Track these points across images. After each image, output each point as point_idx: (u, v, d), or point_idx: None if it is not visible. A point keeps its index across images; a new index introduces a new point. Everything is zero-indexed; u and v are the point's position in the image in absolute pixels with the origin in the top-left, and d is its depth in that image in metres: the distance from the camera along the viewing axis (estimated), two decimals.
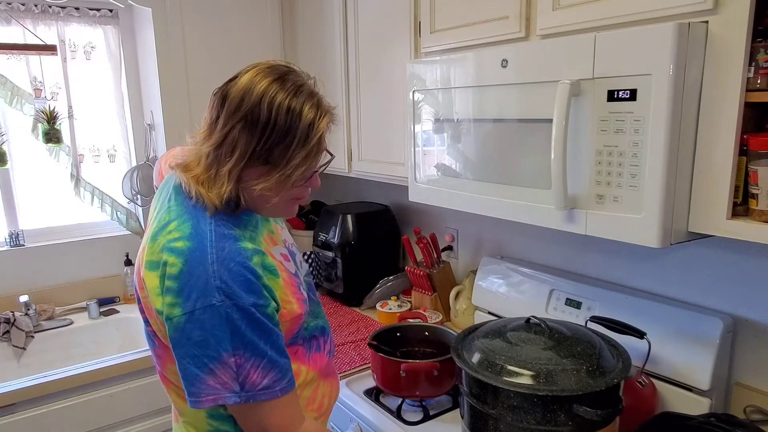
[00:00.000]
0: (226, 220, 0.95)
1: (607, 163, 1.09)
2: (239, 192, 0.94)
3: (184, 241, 0.90)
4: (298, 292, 1.02)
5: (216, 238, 0.91)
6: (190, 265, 0.88)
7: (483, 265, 1.87)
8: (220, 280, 0.87)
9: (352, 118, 1.97)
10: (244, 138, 0.89)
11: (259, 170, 0.92)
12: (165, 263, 0.89)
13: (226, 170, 0.91)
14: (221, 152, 0.91)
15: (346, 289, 2.17)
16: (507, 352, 1.13)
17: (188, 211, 0.95)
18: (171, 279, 0.88)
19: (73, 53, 2.17)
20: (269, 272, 0.95)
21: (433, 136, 1.51)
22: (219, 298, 0.87)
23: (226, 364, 0.89)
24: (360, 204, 2.38)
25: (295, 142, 0.91)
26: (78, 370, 1.74)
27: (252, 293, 0.90)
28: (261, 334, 0.91)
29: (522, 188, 1.27)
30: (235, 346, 0.89)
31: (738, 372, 1.32)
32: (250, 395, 0.91)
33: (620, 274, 1.55)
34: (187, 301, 0.87)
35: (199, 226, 0.92)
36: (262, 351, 0.91)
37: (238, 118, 0.89)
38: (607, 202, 1.10)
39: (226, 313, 0.87)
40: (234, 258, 0.90)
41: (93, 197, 2.25)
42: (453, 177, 1.46)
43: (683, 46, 0.96)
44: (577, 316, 1.54)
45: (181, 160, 0.98)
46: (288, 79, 0.93)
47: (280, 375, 0.94)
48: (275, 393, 0.92)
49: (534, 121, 1.22)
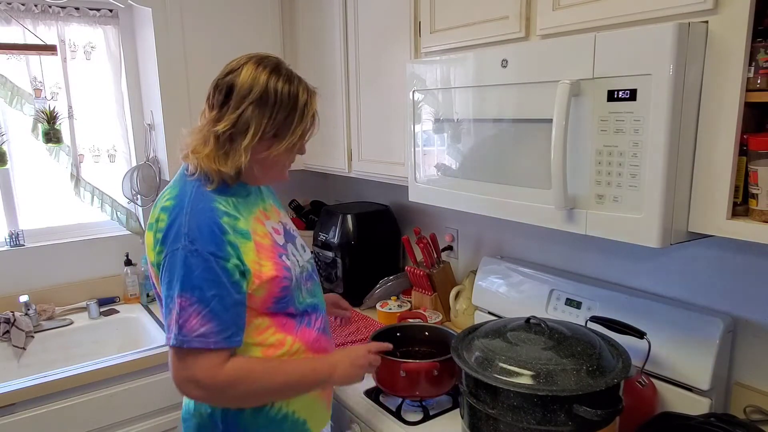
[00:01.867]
0: (216, 191, 1.11)
1: (607, 163, 1.09)
2: (251, 164, 1.11)
3: (171, 200, 1.10)
4: (276, 258, 1.14)
5: (194, 197, 1.09)
6: (171, 218, 1.06)
7: (483, 265, 1.87)
8: (188, 227, 1.04)
9: (352, 119, 1.97)
10: (256, 118, 1.08)
11: (268, 142, 1.11)
12: (157, 220, 1.09)
13: (243, 146, 1.08)
14: (236, 131, 1.08)
15: (346, 289, 2.17)
16: (507, 352, 1.13)
17: (182, 180, 1.14)
18: (160, 232, 1.07)
19: (73, 53, 2.17)
20: (239, 234, 1.09)
21: (433, 136, 1.51)
22: (183, 243, 1.03)
23: (176, 304, 1.03)
24: (360, 204, 2.39)
25: (296, 118, 1.11)
26: (78, 370, 1.74)
27: (213, 243, 1.04)
28: (211, 284, 1.03)
29: (522, 188, 1.27)
30: (183, 288, 1.02)
31: (738, 372, 1.32)
32: (185, 340, 1.02)
33: (620, 274, 1.55)
34: (164, 246, 1.06)
35: (185, 189, 1.11)
36: (206, 299, 1.03)
37: (249, 102, 1.08)
38: (607, 202, 1.10)
39: (185, 255, 1.03)
40: (204, 213, 1.07)
41: (93, 197, 2.25)
42: (453, 177, 1.46)
43: (683, 46, 0.96)
44: (577, 316, 1.54)
45: (187, 149, 1.14)
46: (281, 68, 1.13)
47: (219, 329, 1.04)
48: (208, 343, 1.03)
49: (534, 121, 1.22)
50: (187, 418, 1.21)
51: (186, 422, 1.22)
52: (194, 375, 1.05)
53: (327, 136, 2.12)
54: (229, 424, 1.16)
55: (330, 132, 2.10)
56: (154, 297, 2.31)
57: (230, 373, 1.06)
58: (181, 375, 1.06)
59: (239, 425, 1.16)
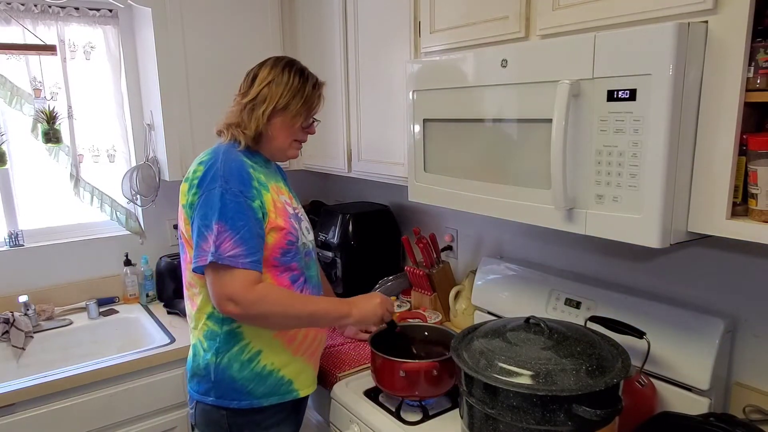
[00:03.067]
0: (244, 152, 1.37)
1: (606, 163, 1.09)
2: (266, 129, 1.38)
3: (207, 155, 1.36)
4: (286, 216, 1.37)
5: (226, 152, 1.35)
6: (208, 167, 1.31)
7: (482, 265, 1.87)
8: (222, 172, 1.29)
9: (352, 118, 1.97)
10: (273, 93, 1.37)
11: (280, 112, 1.38)
12: (194, 171, 1.33)
13: (260, 112, 1.36)
14: (256, 102, 1.37)
15: (346, 289, 2.17)
16: (506, 352, 1.13)
17: (215, 146, 1.39)
18: (197, 179, 1.31)
19: (72, 53, 2.17)
20: (261, 185, 1.35)
21: (433, 136, 1.51)
22: (219, 183, 1.27)
23: (212, 229, 1.25)
24: (360, 204, 2.39)
25: (303, 98, 1.40)
26: (77, 371, 1.74)
27: (242, 184, 1.29)
28: (241, 215, 1.26)
29: (522, 188, 1.27)
30: (220, 217, 1.25)
31: (737, 371, 1.32)
32: (220, 257, 1.23)
33: (620, 274, 1.55)
34: (201, 188, 1.29)
35: (219, 148, 1.37)
36: (238, 227, 1.25)
37: (268, 81, 1.38)
38: (607, 202, 1.10)
39: (221, 193, 1.27)
40: (236, 161, 1.33)
41: (92, 197, 2.25)
42: (453, 177, 1.46)
43: (683, 46, 0.96)
44: (577, 316, 1.54)
45: (220, 124, 1.43)
46: (296, 63, 1.44)
47: (247, 252, 1.26)
48: (237, 263, 1.24)
49: (534, 121, 1.22)
50: (190, 377, 1.43)
51: (190, 382, 1.43)
52: (230, 291, 1.24)
53: (327, 136, 2.12)
54: (219, 377, 1.36)
55: (330, 132, 2.10)
56: (154, 297, 2.32)
57: (261, 292, 1.26)
58: (219, 292, 1.26)
59: (227, 377, 1.36)
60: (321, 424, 1.71)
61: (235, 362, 1.36)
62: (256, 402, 1.37)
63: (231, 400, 1.36)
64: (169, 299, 2.25)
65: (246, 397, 1.36)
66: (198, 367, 1.39)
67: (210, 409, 1.38)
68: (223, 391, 1.36)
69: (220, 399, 1.37)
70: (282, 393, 1.40)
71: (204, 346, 1.39)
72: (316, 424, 1.76)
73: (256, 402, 1.37)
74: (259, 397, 1.38)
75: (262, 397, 1.38)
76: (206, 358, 1.37)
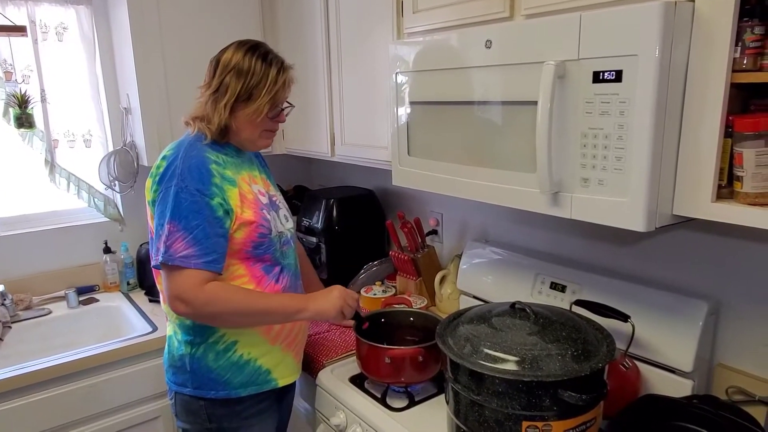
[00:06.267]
0: (211, 145, 1.32)
1: (592, 146, 1.07)
2: (230, 121, 1.31)
3: (170, 150, 1.32)
4: (257, 209, 1.33)
5: (189, 146, 1.30)
6: (168, 163, 1.28)
7: (468, 249, 1.86)
8: (181, 169, 1.25)
9: (335, 102, 1.93)
10: (234, 82, 1.29)
11: (244, 104, 1.31)
12: (157, 167, 1.30)
13: (222, 104, 1.30)
14: (218, 94, 1.31)
15: (330, 274, 2.15)
16: (492, 337, 1.13)
17: (182, 137, 1.35)
18: (158, 176, 1.28)
19: (44, 34, 2.09)
20: (226, 180, 1.30)
21: (417, 119, 1.48)
22: (176, 181, 1.24)
23: (165, 229, 1.23)
24: (344, 188, 2.36)
25: (268, 85, 1.31)
26: (57, 361, 1.70)
27: (200, 182, 1.25)
28: (196, 215, 1.23)
29: (507, 172, 1.25)
30: (173, 216, 1.23)
31: (720, 353, 1.33)
32: (170, 258, 1.22)
33: (605, 257, 1.55)
34: (161, 185, 1.27)
35: (183, 141, 1.33)
36: (191, 227, 1.22)
37: (229, 70, 1.30)
38: (593, 186, 1.09)
39: (176, 191, 1.23)
40: (195, 158, 1.28)
41: (69, 183, 2.19)
42: (437, 161, 1.44)
43: (669, 26, 0.94)
44: (562, 300, 1.54)
45: (187, 115, 1.37)
46: (259, 48, 1.34)
47: (200, 252, 1.22)
48: (189, 263, 1.22)
49: (519, 104, 1.19)
50: (167, 368, 1.41)
51: (167, 373, 1.41)
52: (179, 291, 1.22)
53: (309, 120, 2.08)
54: (195, 367, 1.34)
55: (312, 115, 2.06)
56: (135, 285, 2.28)
57: (211, 291, 1.23)
58: (169, 293, 1.24)
59: (203, 368, 1.34)
60: (309, 412, 1.70)
61: (211, 352, 1.34)
62: (234, 392, 1.35)
63: (208, 390, 1.35)
64: (150, 287, 2.21)
65: (223, 387, 1.35)
66: (174, 359, 1.38)
67: (189, 400, 1.37)
68: (200, 381, 1.35)
69: (197, 389, 1.35)
70: (260, 383, 1.38)
71: (179, 337, 1.37)
72: (305, 412, 1.75)
73: (233, 392, 1.35)
74: (237, 387, 1.36)
75: (240, 387, 1.36)
76: (181, 350, 1.36)
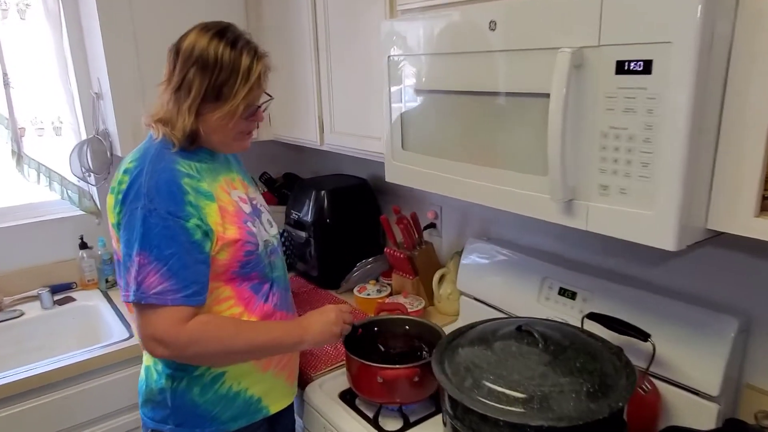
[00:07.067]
0: (180, 153, 1.12)
1: (613, 149, 0.92)
2: (198, 125, 1.11)
3: (133, 162, 1.12)
4: (240, 223, 1.16)
5: (155, 158, 1.10)
6: (132, 179, 1.08)
7: (469, 246, 1.72)
8: (147, 187, 1.06)
9: (323, 86, 1.76)
10: (198, 79, 1.08)
11: (212, 105, 1.11)
12: (119, 182, 1.10)
13: (186, 107, 1.09)
14: (180, 93, 1.10)
15: (321, 271, 2.01)
16: (496, 368, 0.99)
17: (146, 143, 1.16)
18: (121, 193, 1.09)
19: (4, 12, 1.90)
20: (202, 195, 1.11)
21: (413, 110, 1.32)
22: (143, 202, 1.05)
23: (134, 262, 1.04)
24: (336, 178, 2.20)
25: (239, 80, 1.09)
26: (27, 373, 1.57)
27: (172, 203, 1.06)
28: (170, 242, 1.04)
29: (513, 173, 1.10)
30: (143, 246, 1.04)
31: (749, 373, 1.20)
32: (143, 296, 1.04)
33: (621, 262, 1.40)
34: (124, 206, 1.07)
35: (148, 151, 1.13)
36: (165, 257, 1.04)
37: (191, 63, 1.08)
38: (613, 194, 0.94)
39: (144, 215, 1.04)
40: (164, 173, 1.08)
41: (39, 175, 2.03)
42: (435, 157, 1.28)
43: (711, 8, 0.78)
44: (572, 308, 1.40)
45: (148, 115, 1.16)
46: (227, 33, 1.12)
47: (178, 285, 1.05)
48: (165, 299, 1.04)
49: (528, 95, 1.03)
50: (143, 402, 1.24)
51: (143, 407, 1.24)
52: (155, 332, 1.06)
53: (296, 105, 1.91)
54: (178, 403, 1.18)
55: (299, 100, 1.89)
56: (114, 282, 2.15)
57: (193, 330, 1.07)
58: (143, 333, 1.08)
59: (187, 403, 1.18)
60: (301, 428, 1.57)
61: (196, 386, 1.17)
62: (223, 427, 1.20)
63: (193, 428, 1.18)
64: None
65: (210, 423, 1.19)
66: (152, 392, 1.21)
67: None
68: (184, 417, 1.18)
69: (180, 427, 1.18)
70: (251, 413, 1.23)
71: (158, 369, 1.20)
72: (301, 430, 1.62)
73: (222, 427, 1.20)
74: (226, 422, 1.20)
75: (230, 421, 1.20)
76: (161, 383, 1.19)
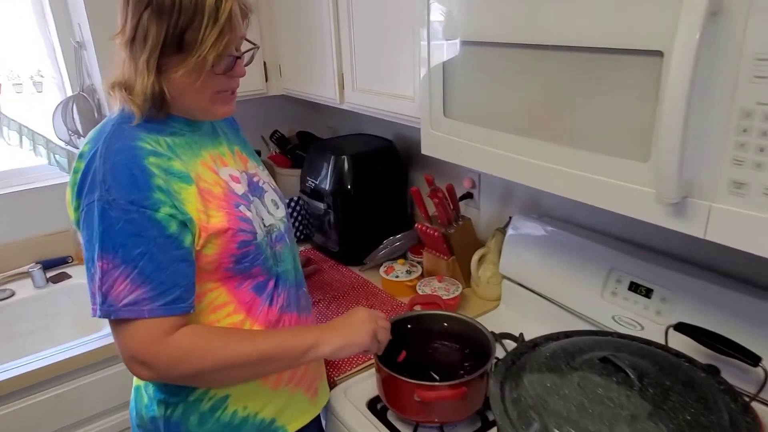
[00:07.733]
0: (144, 126, 0.91)
1: (759, 133, 0.66)
2: (162, 86, 0.89)
3: (88, 144, 0.90)
4: (230, 207, 0.94)
5: (111, 136, 0.89)
6: (86, 165, 0.88)
7: (515, 223, 1.48)
8: (102, 174, 0.85)
9: (343, 35, 1.47)
10: (155, 25, 0.85)
11: (176, 58, 0.87)
12: (75, 170, 0.90)
13: (143, 61, 0.87)
14: (135, 46, 0.87)
15: (342, 248, 1.79)
16: (573, 414, 0.77)
17: (105, 119, 0.94)
18: (75, 185, 0.88)
19: None
20: (175, 177, 0.89)
21: (459, 67, 1.05)
22: (98, 193, 0.85)
23: (97, 267, 0.85)
24: (357, 138, 1.94)
25: (205, 22, 0.85)
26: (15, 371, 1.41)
27: (135, 189, 0.85)
28: (137, 239, 0.84)
29: (596, 155, 0.84)
30: (104, 247, 0.84)
31: None
32: (111, 310, 0.84)
33: (713, 254, 1.15)
34: (80, 199, 0.87)
35: (104, 128, 0.91)
36: (132, 259, 0.84)
37: (144, 5, 0.85)
38: (751, 195, 0.68)
39: (102, 208, 0.84)
40: (122, 153, 0.87)
41: (21, 137, 1.80)
42: (486, 128, 1.03)
43: None
44: (646, 308, 1.17)
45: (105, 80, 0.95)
46: None
47: (154, 293, 0.85)
48: (141, 312, 0.85)
49: (628, 53, 0.76)
50: (133, 426, 1.07)
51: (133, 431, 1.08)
52: (133, 352, 0.86)
53: (311, 55, 1.63)
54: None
55: (315, 50, 1.61)
56: None
57: (179, 345, 0.87)
58: (122, 353, 0.88)
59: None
60: None
61: (193, 414, 0.99)
62: None
63: None
64: None
65: None
66: (143, 420, 1.03)
67: None
68: None
69: None
70: None
71: (148, 392, 1.01)
72: None
73: None
74: None
75: None
76: (153, 410, 1.00)
